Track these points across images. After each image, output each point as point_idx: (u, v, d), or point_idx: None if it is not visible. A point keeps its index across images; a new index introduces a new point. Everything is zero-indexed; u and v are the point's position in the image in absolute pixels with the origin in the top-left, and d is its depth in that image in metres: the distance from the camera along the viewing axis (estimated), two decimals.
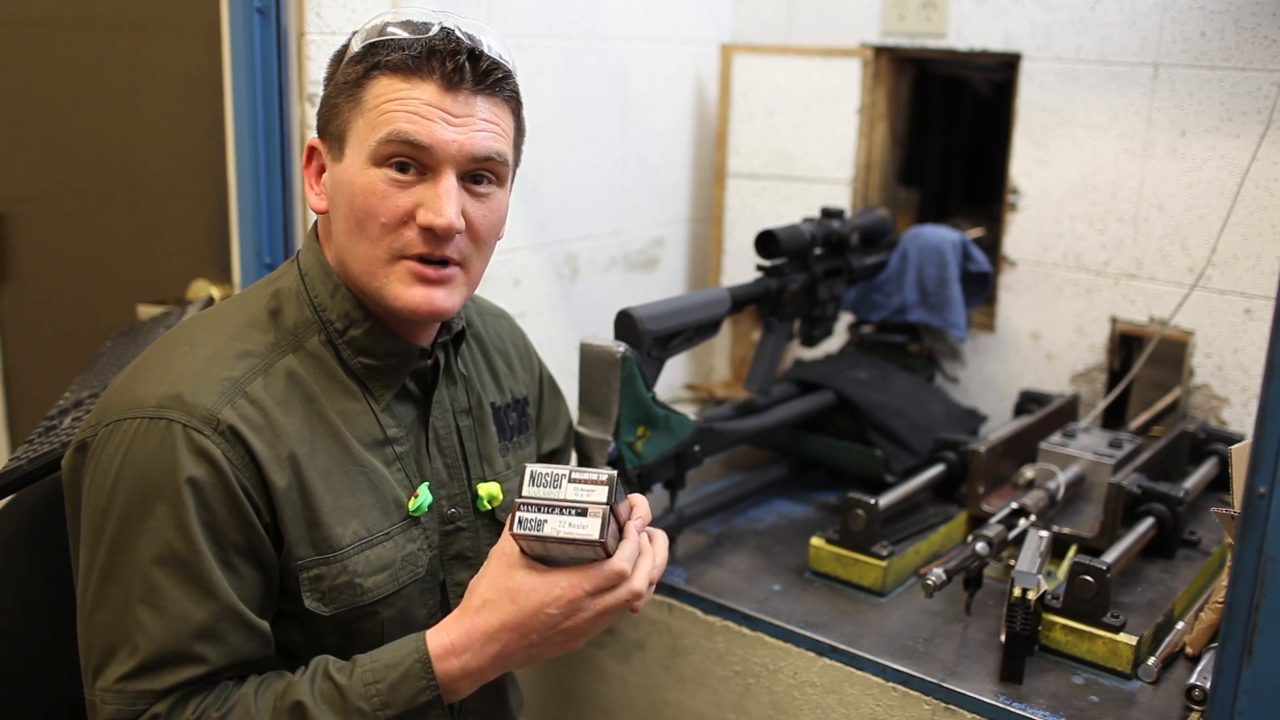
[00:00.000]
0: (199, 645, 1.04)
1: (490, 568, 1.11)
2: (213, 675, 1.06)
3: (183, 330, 1.16)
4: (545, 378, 1.48)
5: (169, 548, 1.03)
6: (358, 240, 1.12)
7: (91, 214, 2.04)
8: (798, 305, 1.85)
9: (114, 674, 1.03)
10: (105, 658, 1.04)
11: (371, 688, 1.06)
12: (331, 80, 1.15)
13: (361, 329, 1.16)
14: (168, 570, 1.03)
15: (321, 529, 1.11)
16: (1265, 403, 0.94)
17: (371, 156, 1.10)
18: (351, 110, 1.11)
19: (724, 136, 2.30)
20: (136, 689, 1.03)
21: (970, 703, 1.32)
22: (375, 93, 1.10)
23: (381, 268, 1.12)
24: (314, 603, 1.12)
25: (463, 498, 1.26)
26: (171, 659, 1.03)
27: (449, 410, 1.26)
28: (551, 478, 1.07)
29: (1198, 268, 1.88)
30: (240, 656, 1.07)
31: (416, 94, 1.09)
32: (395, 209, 1.10)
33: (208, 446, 1.04)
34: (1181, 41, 1.85)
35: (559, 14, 1.96)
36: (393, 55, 1.09)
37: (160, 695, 1.03)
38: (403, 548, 1.18)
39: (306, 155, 1.19)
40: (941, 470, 1.75)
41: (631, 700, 1.65)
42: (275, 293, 1.18)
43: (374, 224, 1.10)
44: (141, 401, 1.06)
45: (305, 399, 1.13)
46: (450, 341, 1.27)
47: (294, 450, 1.10)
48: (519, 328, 1.47)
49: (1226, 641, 1.00)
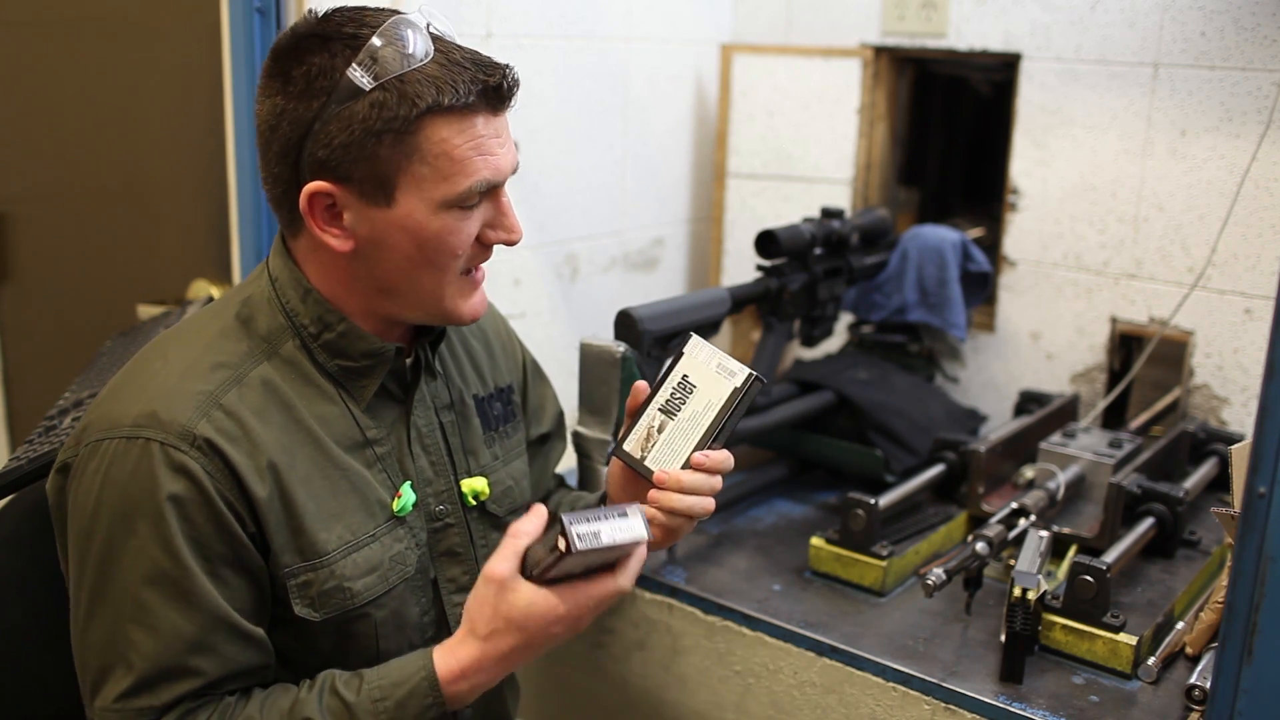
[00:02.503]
0: (193, 659, 1.05)
1: (487, 595, 1.06)
2: (211, 687, 1.06)
3: (155, 346, 1.16)
4: (528, 362, 1.47)
5: (155, 565, 1.03)
6: (423, 274, 1.13)
7: (91, 214, 2.04)
8: (798, 305, 1.85)
9: (112, 693, 1.04)
10: (101, 677, 1.05)
11: (379, 704, 1.06)
12: (341, 118, 1.05)
13: (335, 332, 1.16)
14: (155, 588, 1.04)
15: (306, 535, 1.11)
16: (1265, 403, 0.94)
17: (448, 203, 1.09)
18: (403, 157, 1.06)
19: (724, 136, 2.30)
20: (136, 706, 1.03)
21: (970, 703, 1.32)
22: (435, 138, 1.06)
23: (451, 289, 1.16)
24: (304, 609, 1.12)
25: (450, 494, 1.26)
26: (167, 674, 1.04)
27: (430, 407, 1.26)
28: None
29: (1198, 268, 1.88)
30: (237, 667, 1.08)
31: (476, 130, 1.09)
32: (469, 239, 1.13)
33: (186, 462, 1.04)
34: (1181, 41, 1.85)
35: (559, 14, 1.96)
36: (443, 98, 1.05)
37: (161, 711, 1.04)
38: (389, 548, 1.18)
39: (308, 202, 1.08)
40: (941, 470, 1.75)
41: (631, 700, 1.65)
42: (246, 300, 1.17)
43: (449, 257, 1.13)
44: (118, 421, 1.06)
45: (282, 406, 1.13)
46: (432, 340, 1.27)
47: (273, 459, 1.09)
48: (499, 314, 1.46)
49: (1226, 641, 1.00)
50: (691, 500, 1.16)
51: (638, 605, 1.60)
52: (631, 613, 1.61)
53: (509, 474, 1.35)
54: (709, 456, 1.17)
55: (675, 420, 1.19)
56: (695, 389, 1.19)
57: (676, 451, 1.18)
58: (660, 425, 1.19)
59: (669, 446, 1.19)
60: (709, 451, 1.18)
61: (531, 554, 1.06)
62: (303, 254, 1.16)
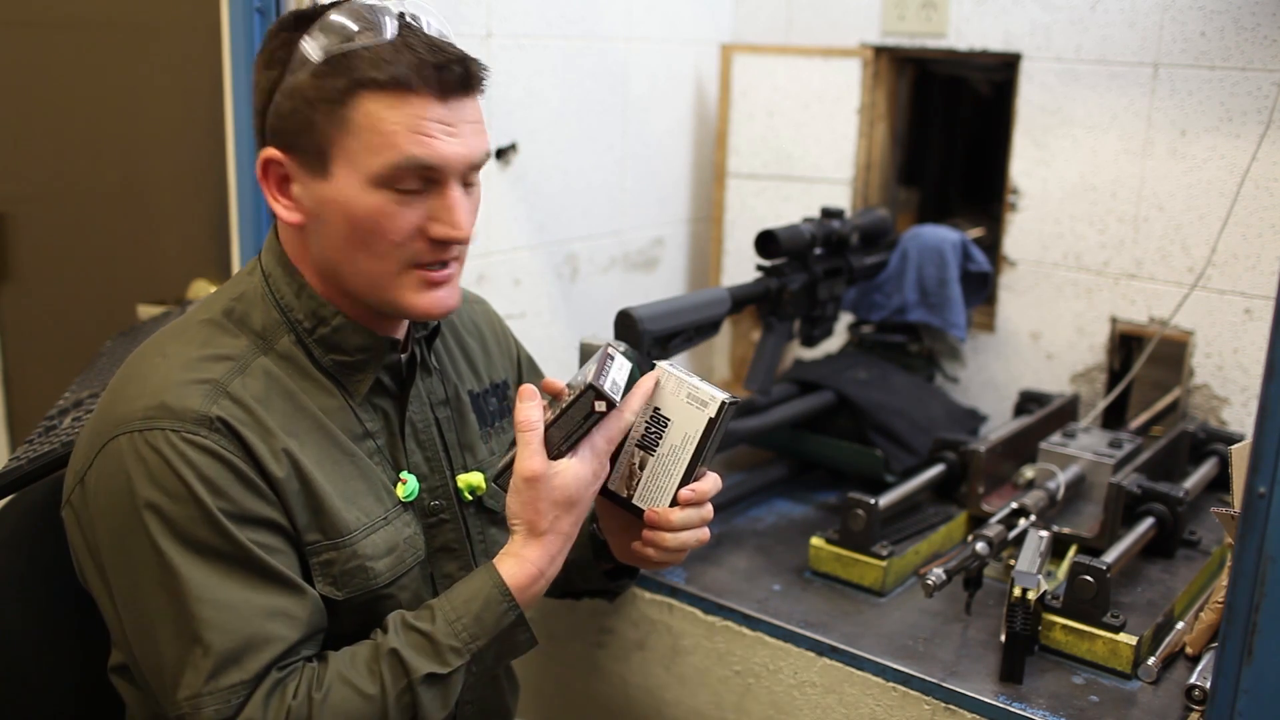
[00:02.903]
0: (268, 624, 1.04)
1: (534, 494, 1.12)
2: (291, 651, 1.06)
3: (152, 344, 1.16)
4: (523, 358, 1.47)
5: (202, 544, 1.03)
6: (359, 256, 1.11)
7: (91, 214, 2.04)
8: (798, 305, 1.84)
9: (196, 679, 1.01)
10: (179, 669, 1.02)
11: (457, 624, 1.09)
12: (290, 90, 1.08)
13: (330, 326, 1.16)
14: (209, 565, 1.03)
15: (328, 514, 1.11)
16: (1265, 403, 0.94)
17: (376, 180, 1.08)
18: (335, 129, 1.07)
19: (724, 136, 2.30)
20: (227, 684, 1.02)
21: (970, 703, 1.32)
22: (366, 112, 1.06)
23: (392, 280, 1.12)
24: (326, 587, 1.12)
25: (445, 490, 1.26)
26: (248, 645, 1.03)
27: (426, 403, 1.26)
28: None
29: (1198, 268, 1.88)
30: (309, 627, 1.08)
31: (414, 111, 1.07)
32: (405, 226, 1.10)
33: (206, 443, 1.04)
34: (1181, 41, 1.85)
35: (559, 14, 1.96)
36: (378, 73, 1.05)
37: (253, 684, 1.03)
38: (401, 531, 1.19)
39: (262, 167, 1.12)
40: (941, 470, 1.75)
41: (631, 700, 1.65)
42: (240, 295, 1.17)
43: (383, 242, 1.10)
44: (127, 418, 1.06)
45: (285, 394, 1.13)
46: (426, 336, 1.27)
47: (285, 443, 1.10)
48: (494, 311, 1.46)
49: (1226, 641, 1.00)
50: (686, 535, 1.20)
51: (638, 605, 1.60)
52: (631, 613, 1.61)
53: None
54: (695, 490, 1.19)
55: (655, 456, 1.20)
56: (670, 422, 1.19)
57: (662, 489, 1.19)
58: (641, 461, 1.20)
59: (654, 484, 1.20)
60: (695, 485, 1.20)
61: (551, 437, 1.14)
62: (285, 234, 1.18)
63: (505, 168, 1.89)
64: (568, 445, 1.14)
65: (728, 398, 1.17)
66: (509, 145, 1.89)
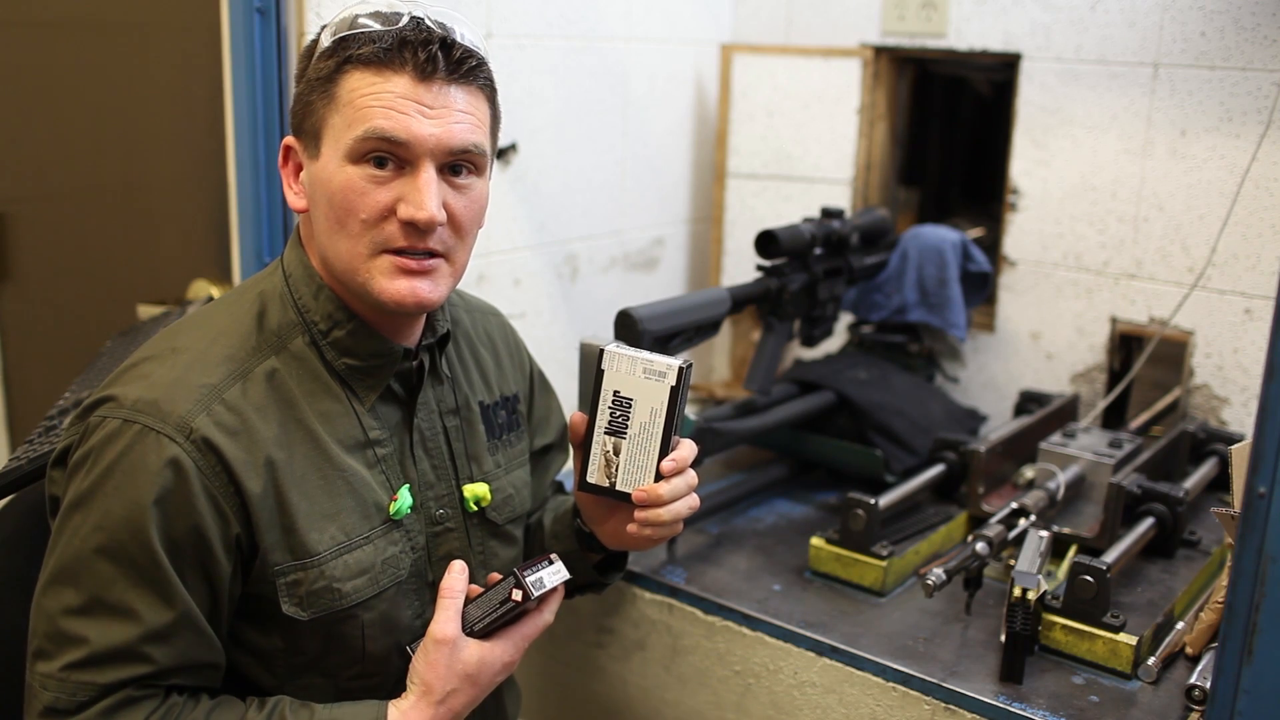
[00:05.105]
0: (148, 646, 1.05)
1: (439, 658, 1.13)
2: (157, 676, 1.07)
3: (167, 334, 1.17)
4: (535, 374, 1.47)
5: (129, 554, 1.04)
6: (338, 237, 1.12)
7: (91, 214, 2.04)
8: (798, 305, 1.85)
9: (59, 663, 1.04)
10: (53, 645, 1.05)
11: None
12: (304, 77, 1.13)
13: (345, 329, 1.16)
14: (126, 574, 1.04)
15: (297, 535, 1.11)
16: (1265, 403, 0.94)
17: (349, 154, 1.09)
18: (326, 107, 1.10)
19: (724, 136, 2.30)
20: (79, 679, 1.04)
21: (970, 703, 1.32)
22: (348, 88, 1.09)
23: (364, 263, 1.12)
24: (292, 608, 1.12)
25: (451, 498, 1.26)
26: (119, 656, 1.04)
27: (435, 411, 1.26)
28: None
29: (1198, 268, 1.88)
30: (187, 660, 1.08)
31: (390, 87, 1.08)
32: (375, 205, 1.10)
33: (177, 455, 1.05)
34: (1181, 41, 1.85)
35: (559, 14, 1.96)
36: (364, 49, 1.08)
37: (103, 691, 1.04)
38: (383, 551, 1.18)
39: (283, 154, 1.17)
40: (941, 470, 1.75)
41: (631, 700, 1.65)
42: (260, 294, 1.18)
43: (354, 220, 1.10)
44: (119, 402, 1.08)
45: (284, 404, 1.13)
46: (436, 344, 1.26)
47: (271, 455, 1.10)
48: (509, 324, 1.46)
49: (1226, 641, 1.00)
50: (677, 506, 1.22)
51: (638, 605, 1.60)
52: (631, 613, 1.61)
53: (510, 482, 1.35)
54: (676, 459, 1.21)
55: (627, 439, 1.21)
56: (633, 402, 1.20)
57: (643, 467, 1.21)
58: (615, 448, 1.21)
59: (633, 465, 1.21)
60: (674, 455, 1.21)
61: (468, 614, 1.16)
62: (305, 231, 1.20)
63: (505, 168, 1.89)
64: (480, 626, 1.16)
65: (682, 362, 1.18)
66: (509, 145, 1.89)
